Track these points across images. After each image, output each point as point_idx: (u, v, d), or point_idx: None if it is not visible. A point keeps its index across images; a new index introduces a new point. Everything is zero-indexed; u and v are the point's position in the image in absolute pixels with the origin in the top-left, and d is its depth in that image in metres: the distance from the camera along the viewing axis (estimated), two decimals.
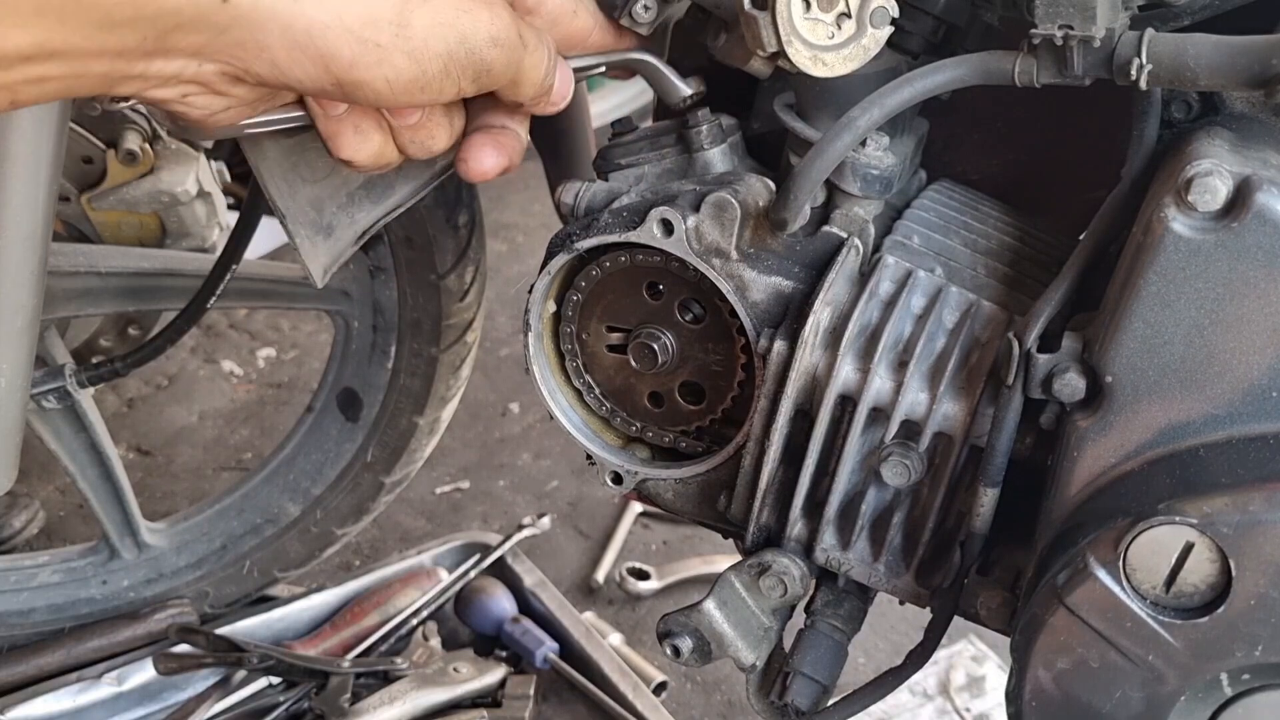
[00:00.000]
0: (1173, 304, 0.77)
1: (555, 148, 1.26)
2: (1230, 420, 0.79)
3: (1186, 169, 0.75)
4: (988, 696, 1.66)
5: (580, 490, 2.08)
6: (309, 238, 0.88)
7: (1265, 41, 0.74)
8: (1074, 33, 0.77)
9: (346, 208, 0.90)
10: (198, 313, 1.36)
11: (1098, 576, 0.78)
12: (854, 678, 1.13)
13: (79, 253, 1.42)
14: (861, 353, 0.88)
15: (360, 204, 0.91)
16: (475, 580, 1.72)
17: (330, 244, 0.91)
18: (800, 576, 0.93)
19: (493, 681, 1.58)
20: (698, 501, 0.99)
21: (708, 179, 0.96)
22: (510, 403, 2.30)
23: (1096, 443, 0.82)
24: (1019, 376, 0.83)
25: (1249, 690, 0.78)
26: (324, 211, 0.89)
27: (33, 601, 1.57)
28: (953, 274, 0.92)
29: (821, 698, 0.96)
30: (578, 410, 1.03)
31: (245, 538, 1.61)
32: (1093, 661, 0.79)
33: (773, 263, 0.91)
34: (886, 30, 0.84)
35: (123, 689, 1.54)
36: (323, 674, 1.53)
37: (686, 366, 0.98)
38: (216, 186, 1.59)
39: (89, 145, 1.49)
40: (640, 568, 1.87)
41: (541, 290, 0.98)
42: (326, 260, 0.91)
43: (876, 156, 0.91)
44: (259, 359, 2.43)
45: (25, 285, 1.03)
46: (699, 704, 1.68)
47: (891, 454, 0.87)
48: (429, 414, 1.52)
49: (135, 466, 2.12)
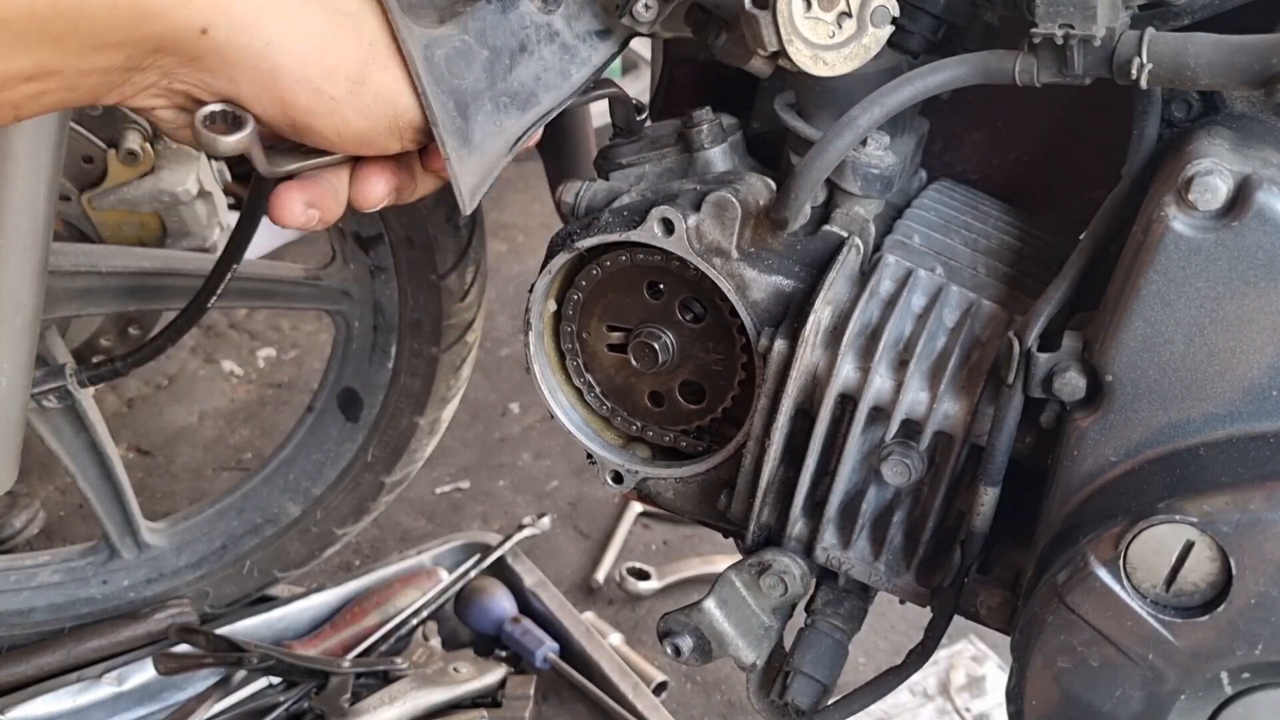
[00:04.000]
0: (1173, 303, 0.77)
1: (556, 147, 1.26)
2: (1230, 419, 0.79)
3: (1187, 168, 0.75)
4: (988, 696, 1.66)
5: (580, 490, 2.08)
6: (457, 150, 0.84)
7: (1265, 41, 0.75)
8: (1074, 32, 0.77)
9: (494, 116, 0.87)
10: (198, 312, 1.35)
11: (1098, 575, 0.78)
12: (854, 677, 1.13)
13: (79, 252, 1.42)
14: (862, 352, 0.88)
15: (508, 111, 0.88)
16: (475, 580, 1.72)
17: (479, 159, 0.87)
18: (801, 575, 0.93)
19: (493, 681, 1.58)
20: (698, 501, 0.99)
21: (708, 178, 0.96)
22: (510, 403, 2.30)
23: (1097, 442, 0.82)
24: (1019, 375, 0.83)
25: (1249, 689, 0.78)
26: (471, 120, 0.86)
27: (33, 601, 1.56)
28: (953, 273, 0.92)
29: (822, 697, 0.96)
30: (578, 409, 1.03)
31: (245, 538, 1.61)
32: (1093, 660, 0.79)
33: (773, 262, 0.91)
34: (887, 29, 0.84)
35: (123, 689, 1.53)
36: (323, 674, 1.53)
37: (687, 366, 0.98)
38: (217, 186, 1.59)
39: (90, 145, 1.48)
40: (640, 568, 1.87)
41: (542, 289, 0.98)
42: (475, 179, 0.87)
43: (877, 156, 0.91)
44: (259, 359, 2.43)
45: (26, 285, 1.03)
46: (699, 704, 1.68)
47: (892, 453, 0.87)
48: (429, 414, 1.52)
49: (135, 466, 2.12)
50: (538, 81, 0.89)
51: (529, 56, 0.89)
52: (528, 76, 0.89)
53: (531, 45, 0.89)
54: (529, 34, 0.89)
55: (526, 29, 0.88)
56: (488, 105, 0.87)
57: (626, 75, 3.12)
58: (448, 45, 0.84)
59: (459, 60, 0.84)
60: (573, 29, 0.91)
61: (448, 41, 0.84)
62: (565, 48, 0.91)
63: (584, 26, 0.91)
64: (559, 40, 0.90)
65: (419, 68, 0.81)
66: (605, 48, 0.92)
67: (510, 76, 0.88)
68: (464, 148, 0.85)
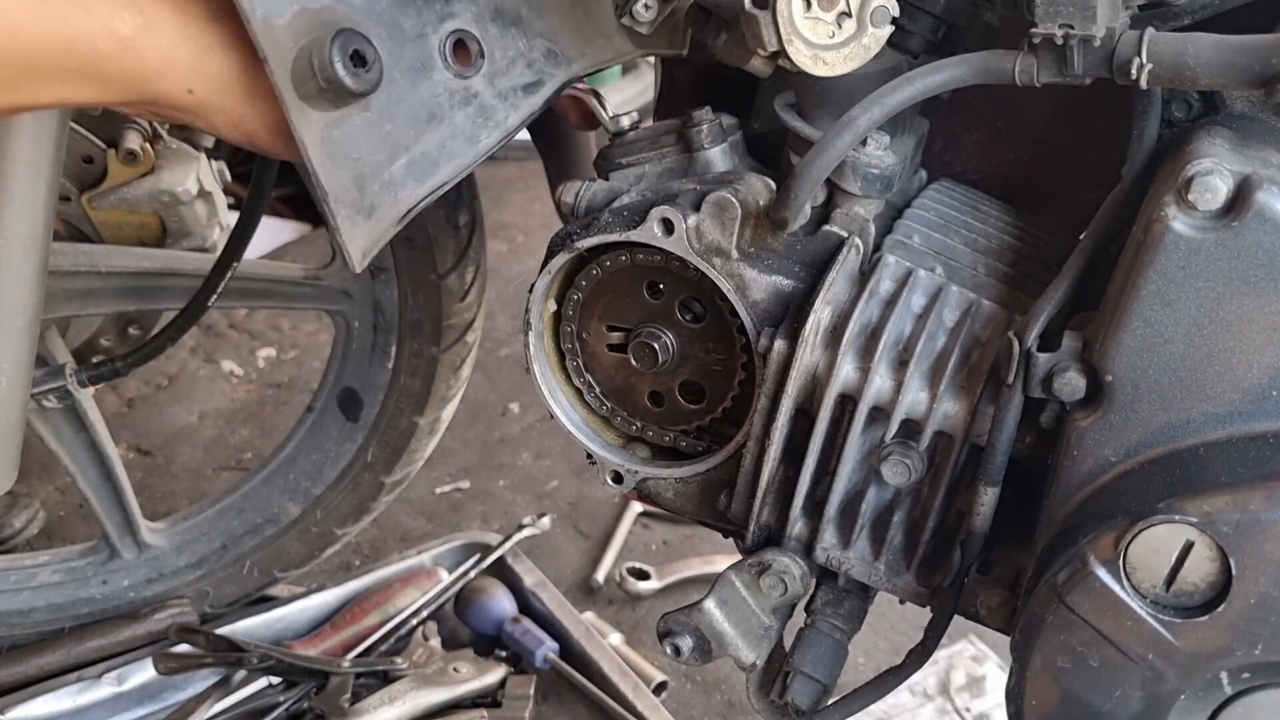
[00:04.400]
0: (1173, 303, 0.77)
1: (555, 147, 1.26)
2: (1230, 419, 0.79)
3: (1187, 168, 0.75)
4: (988, 696, 1.66)
5: (580, 490, 2.08)
6: (349, 218, 0.86)
7: (1265, 41, 0.75)
8: (1074, 32, 0.77)
9: (389, 187, 0.88)
10: (198, 312, 1.36)
11: (1098, 575, 0.78)
12: (854, 677, 1.13)
13: (80, 252, 1.42)
14: (862, 352, 0.88)
15: (404, 183, 0.89)
16: (475, 580, 1.71)
17: (371, 225, 0.88)
18: (800, 575, 0.93)
19: (493, 681, 1.58)
20: (698, 500, 0.99)
21: (708, 178, 0.96)
22: (510, 403, 2.30)
23: (1097, 442, 0.82)
24: (1019, 375, 0.83)
25: (1249, 689, 0.78)
26: (366, 191, 0.87)
27: (33, 601, 1.56)
28: (953, 273, 0.92)
29: (821, 697, 0.96)
30: (578, 409, 1.03)
31: (245, 538, 1.61)
32: (1093, 660, 0.79)
33: (773, 262, 0.91)
34: (887, 29, 0.84)
35: (123, 689, 1.53)
36: (323, 674, 1.53)
37: (687, 366, 0.98)
38: (217, 186, 1.59)
39: (90, 145, 1.48)
40: (640, 568, 1.87)
41: (542, 289, 0.98)
42: (367, 243, 0.88)
43: (877, 156, 0.91)
44: (259, 359, 2.43)
45: (26, 285, 1.03)
46: (699, 704, 1.68)
47: (892, 453, 0.87)
48: (429, 414, 1.52)
49: (135, 466, 2.12)
50: (441, 150, 0.89)
51: (438, 124, 0.89)
52: (431, 145, 0.89)
53: (442, 113, 0.89)
54: (440, 102, 0.89)
55: (439, 96, 0.88)
56: (385, 176, 0.88)
57: (626, 76, 3.12)
58: (347, 124, 0.85)
59: (359, 139, 0.86)
60: (495, 86, 0.91)
61: (347, 121, 0.85)
62: (482, 109, 0.90)
63: (509, 83, 0.91)
64: (476, 102, 0.90)
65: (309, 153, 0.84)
66: (528, 104, 0.92)
67: (414, 147, 0.89)
68: (357, 215, 0.88)
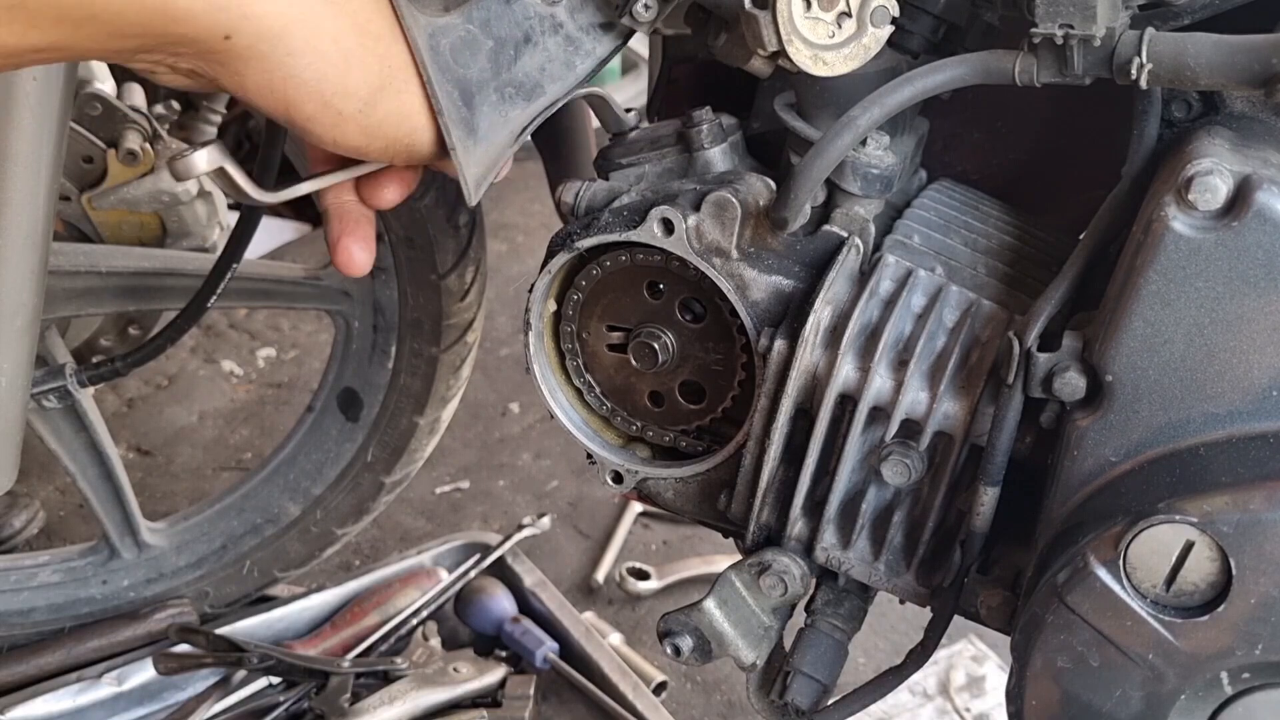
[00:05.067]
0: (1173, 303, 0.77)
1: (555, 147, 1.26)
2: (1230, 419, 0.79)
3: (1187, 168, 0.75)
4: (988, 696, 1.66)
5: (580, 490, 2.08)
6: (463, 140, 0.85)
7: (1265, 41, 0.75)
8: (1074, 32, 0.77)
9: (498, 106, 0.88)
10: (198, 312, 1.35)
11: (1098, 575, 0.78)
12: (854, 678, 1.13)
13: (80, 252, 1.42)
14: (862, 352, 0.88)
15: (513, 101, 0.89)
16: (475, 580, 1.72)
17: (484, 150, 0.87)
18: (800, 575, 0.93)
19: (493, 681, 1.58)
20: (698, 500, 0.99)
21: (708, 178, 0.96)
22: (510, 403, 2.30)
23: (1097, 442, 0.82)
24: (1019, 375, 0.83)
25: (1249, 689, 0.78)
26: (476, 109, 0.86)
27: (33, 601, 1.56)
28: (953, 273, 0.92)
29: (822, 697, 0.96)
30: (578, 409, 1.03)
31: (245, 537, 1.61)
32: (1093, 660, 0.79)
33: (773, 262, 0.91)
34: (887, 29, 0.84)
35: (123, 689, 1.53)
36: (323, 674, 1.53)
37: (687, 366, 0.98)
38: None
39: (89, 145, 1.48)
40: (640, 568, 1.87)
41: (542, 289, 0.98)
42: (480, 169, 0.87)
43: (877, 156, 0.91)
44: (259, 359, 2.43)
45: (26, 285, 1.03)
46: (699, 704, 1.68)
47: (892, 453, 0.87)
48: (429, 414, 1.52)
49: (135, 466, 2.12)
50: (542, 72, 0.90)
51: (533, 47, 0.89)
52: (532, 67, 0.89)
53: (536, 36, 0.89)
54: (533, 25, 0.89)
55: (530, 20, 0.89)
56: (493, 95, 0.87)
57: (626, 75, 3.11)
58: (453, 34, 0.84)
59: (464, 50, 0.85)
60: (576, 21, 0.91)
61: (453, 31, 0.84)
62: (569, 39, 0.91)
63: (587, 19, 0.92)
64: (563, 32, 0.91)
65: (424, 56, 0.81)
66: (608, 41, 0.93)
67: (515, 67, 0.88)
68: (469, 138, 0.86)
